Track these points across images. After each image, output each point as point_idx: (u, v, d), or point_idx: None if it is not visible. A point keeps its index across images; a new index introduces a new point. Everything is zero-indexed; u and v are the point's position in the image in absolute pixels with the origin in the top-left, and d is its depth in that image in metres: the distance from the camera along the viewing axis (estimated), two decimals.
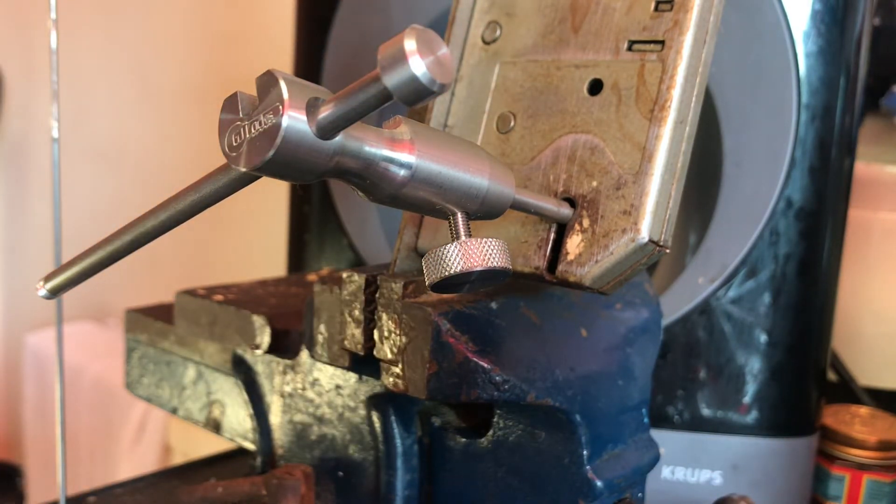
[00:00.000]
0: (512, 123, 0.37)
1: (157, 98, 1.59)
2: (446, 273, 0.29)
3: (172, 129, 1.56)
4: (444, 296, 0.35)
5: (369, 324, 0.37)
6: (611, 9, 0.35)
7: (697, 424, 0.55)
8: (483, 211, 0.31)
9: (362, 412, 0.41)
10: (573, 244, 0.34)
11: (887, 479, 0.58)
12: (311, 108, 0.25)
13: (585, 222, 0.34)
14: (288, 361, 0.44)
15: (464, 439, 0.40)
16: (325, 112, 0.25)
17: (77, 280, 0.31)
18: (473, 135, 0.38)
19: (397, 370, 0.35)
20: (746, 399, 0.55)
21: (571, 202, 0.34)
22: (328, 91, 0.26)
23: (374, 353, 0.36)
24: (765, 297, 0.54)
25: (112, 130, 1.67)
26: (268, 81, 0.25)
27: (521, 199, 0.32)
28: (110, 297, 1.61)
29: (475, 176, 0.30)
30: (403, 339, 0.35)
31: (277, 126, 0.25)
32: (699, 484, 0.55)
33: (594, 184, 0.34)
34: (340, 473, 0.42)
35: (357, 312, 0.37)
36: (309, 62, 0.65)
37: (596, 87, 0.35)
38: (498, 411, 0.39)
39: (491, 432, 0.39)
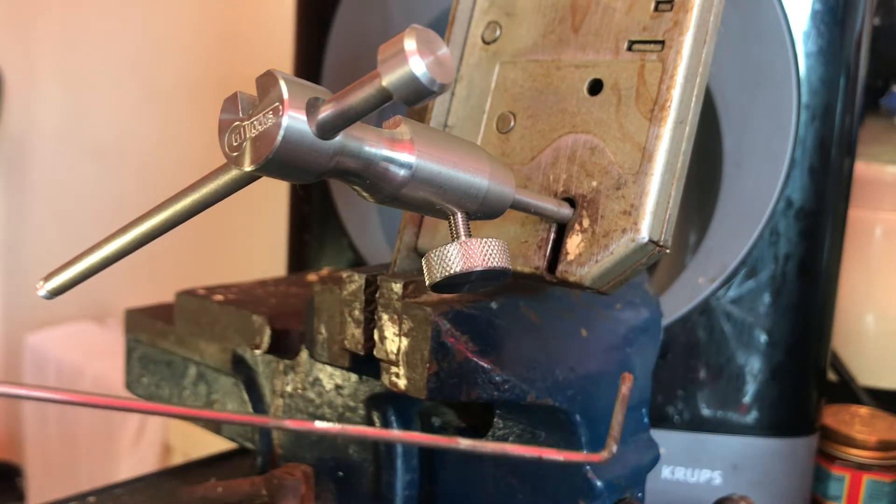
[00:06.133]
0: (512, 123, 0.37)
1: (158, 97, 1.59)
2: (446, 273, 0.29)
3: (172, 129, 1.56)
4: (444, 296, 0.35)
5: (369, 324, 0.37)
6: (611, 9, 0.35)
7: (697, 424, 0.55)
8: (483, 211, 0.31)
9: (362, 412, 0.41)
10: (573, 244, 0.34)
11: (887, 479, 0.58)
12: (311, 108, 0.25)
13: (585, 222, 0.34)
14: (288, 361, 0.44)
15: None
16: (325, 112, 0.25)
17: (77, 280, 0.31)
18: (473, 135, 0.38)
19: (397, 370, 0.35)
20: (746, 399, 0.55)
21: (571, 202, 0.34)
22: (328, 91, 0.26)
23: (374, 353, 0.36)
24: (765, 297, 0.54)
25: (112, 129, 1.67)
26: (268, 81, 0.25)
27: (521, 199, 0.32)
28: (110, 297, 1.61)
29: (475, 176, 0.30)
30: (403, 339, 0.35)
31: (277, 126, 0.25)
32: (699, 484, 0.55)
33: (594, 184, 0.34)
34: (340, 473, 0.42)
35: (357, 312, 0.37)
36: (309, 62, 0.65)
37: (596, 87, 0.35)
38: (498, 411, 0.39)
39: (491, 432, 0.39)
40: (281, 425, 0.23)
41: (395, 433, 0.27)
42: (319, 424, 0.24)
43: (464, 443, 0.26)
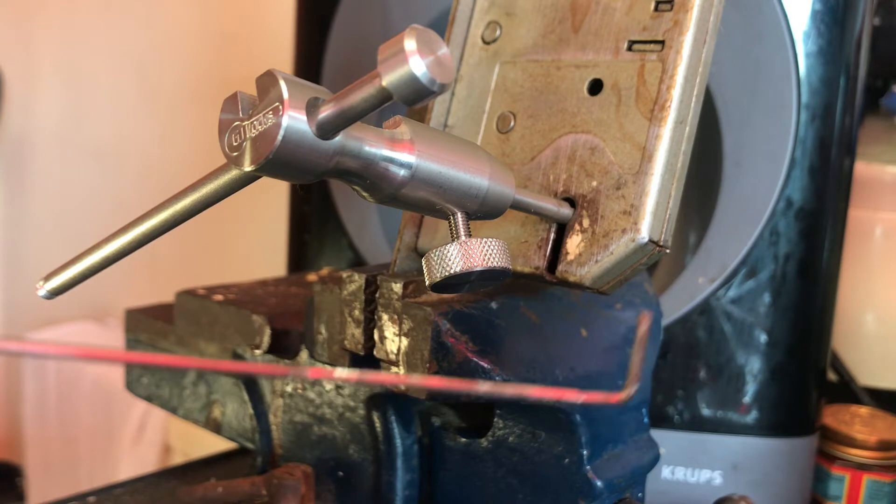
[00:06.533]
0: (512, 123, 0.37)
1: (158, 97, 1.59)
2: (446, 273, 0.29)
3: (172, 129, 1.56)
4: (444, 296, 0.35)
5: (369, 324, 0.37)
6: (611, 9, 0.35)
7: (697, 424, 0.55)
8: (483, 211, 0.31)
9: (362, 412, 0.41)
10: (573, 244, 0.34)
11: (887, 479, 0.58)
12: (311, 108, 0.25)
13: (585, 222, 0.34)
14: (288, 361, 0.44)
15: (464, 439, 0.40)
16: (325, 112, 0.25)
17: (77, 280, 0.31)
18: (473, 135, 0.38)
19: (397, 370, 0.35)
20: (746, 399, 0.55)
21: (571, 202, 0.34)
22: (328, 91, 0.26)
23: (374, 353, 0.36)
24: (765, 297, 0.54)
25: (112, 130, 1.67)
26: (268, 81, 0.25)
27: (521, 199, 0.32)
28: (110, 297, 1.61)
29: (475, 176, 0.30)
30: (403, 339, 0.35)
31: (277, 126, 0.25)
32: (699, 484, 0.55)
33: (594, 184, 0.34)
34: (340, 473, 0.42)
35: (357, 312, 0.37)
36: (309, 62, 0.65)
37: (596, 87, 0.35)
38: (498, 411, 0.39)
39: (491, 432, 0.39)
40: (300, 373, 0.23)
41: (415, 378, 0.27)
42: (340, 372, 0.24)
43: (483, 386, 0.26)
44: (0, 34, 1.71)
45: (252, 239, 1.44)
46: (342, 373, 0.25)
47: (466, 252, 0.29)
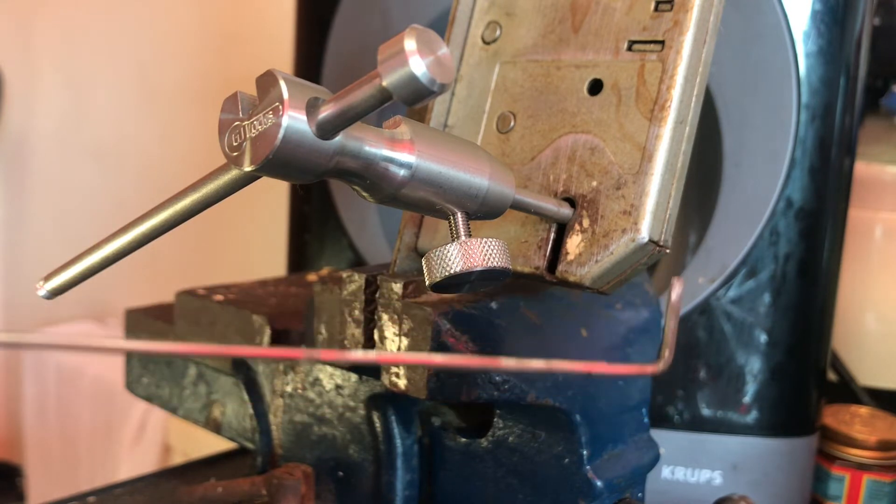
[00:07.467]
0: (512, 123, 0.37)
1: (158, 98, 1.59)
2: (447, 273, 0.29)
3: (172, 129, 1.56)
4: (444, 296, 0.35)
5: (369, 324, 0.37)
6: (611, 9, 0.35)
7: (697, 424, 0.55)
8: (483, 211, 0.31)
9: (362, 412, 0.41)
10: (573, 244, 0.34)
11: (887, 479, 0.58)
12: (311, 108, 0.25)
13: (585, 222, 0.34)
14: (288, 361, 0.44)
15: (464, 439, 0.40)
16: (325, 112, 0.25)
17: (77, 280, 0.31)
18: (473, 135, 0.38)
19: (397, 370, 0.35)
20: (746, 399, 0.55)
21: (571, 202, 0.34)
22: (328, 91, 0.26)
23: None
24: (765, 297, 0.54)
25: (112, 130, 1.67)
26: (268, 81, 0.25)
27: (521, 199, 0.32)
28: (110, 297, 1.61)
29: (475, 176, 0.30)
30: (403, 338, 0.35)
31: (277, 126, 0.25)
32: (699, 484, 0.55)
33: (594, 184, 0.34)
34: (340, 473, 0.42)
35: (357, 312, 0.37)
36: (309, 62, 0.65)
37: (596, 87, 0.35)
38: (498, 411, 0.39)
39: (491, 432, 0.39)
40: (313, 356, 0.23)
41: (439, 358, 0.26)
42: (355, 354, 0.24)
43: (507, 362, 0.25)
44: (0, 34, 1.71)
45: (252, 239, 1.44)
46: (357, 354, 0.25)
47: (466, 252, 0.29)
